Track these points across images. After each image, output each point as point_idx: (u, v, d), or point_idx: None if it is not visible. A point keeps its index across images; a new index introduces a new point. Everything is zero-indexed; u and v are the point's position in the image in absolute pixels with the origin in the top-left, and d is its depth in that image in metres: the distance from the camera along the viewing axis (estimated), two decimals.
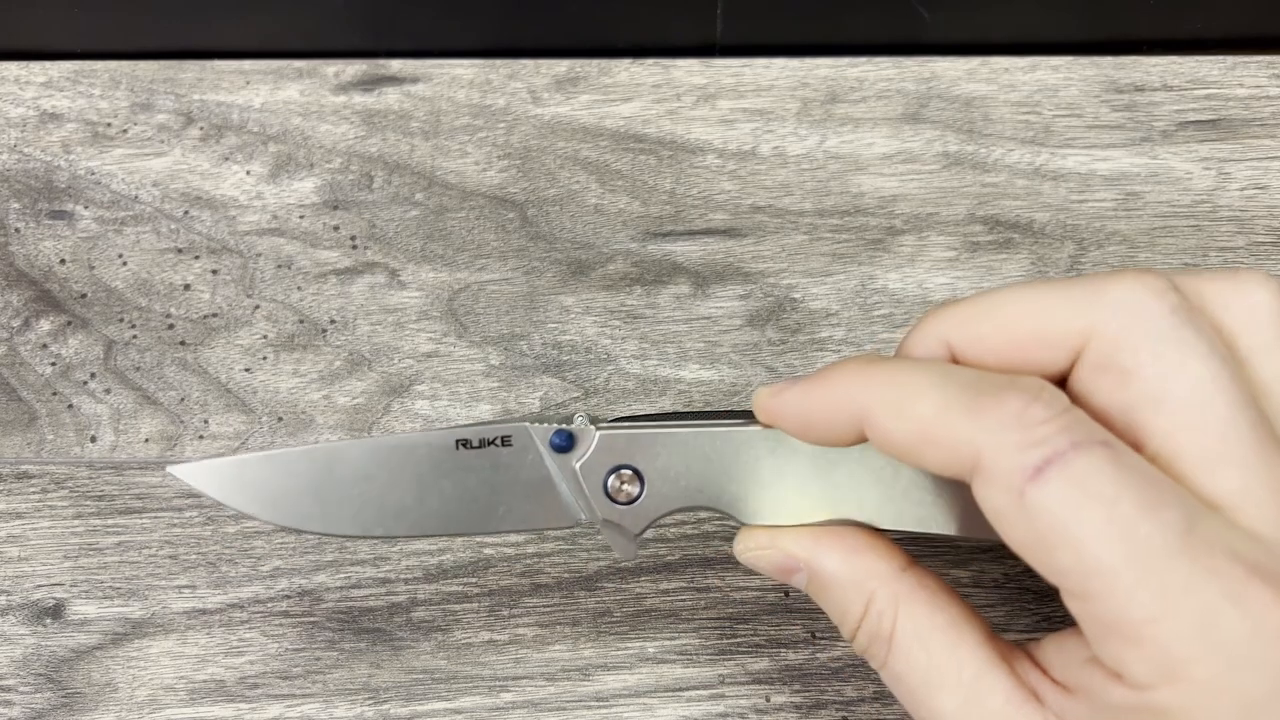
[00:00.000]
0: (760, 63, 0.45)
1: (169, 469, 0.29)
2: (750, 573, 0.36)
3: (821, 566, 0.27)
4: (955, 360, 0.26)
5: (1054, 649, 0.25)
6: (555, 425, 0.29)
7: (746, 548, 0.29)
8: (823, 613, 0.28)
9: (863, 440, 0.25)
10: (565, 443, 0.28)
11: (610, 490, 0.29)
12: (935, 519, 0.28)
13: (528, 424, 0.29)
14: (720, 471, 0.28)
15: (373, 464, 0.29)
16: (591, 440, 0.28)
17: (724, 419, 0.29)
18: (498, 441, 0.29)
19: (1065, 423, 0.22)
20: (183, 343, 0.40)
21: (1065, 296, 0.25)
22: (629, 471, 0.28)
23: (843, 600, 0.27)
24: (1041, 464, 0.22)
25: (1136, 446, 0.23)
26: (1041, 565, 0.22)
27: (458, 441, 0.29)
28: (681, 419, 0.29)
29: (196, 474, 0.29)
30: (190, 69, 0.45)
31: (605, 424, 0.29)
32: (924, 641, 0.25)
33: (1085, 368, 0.24)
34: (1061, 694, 0.24)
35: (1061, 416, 0.22)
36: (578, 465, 0.29)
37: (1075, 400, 0.24)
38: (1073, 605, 0.22)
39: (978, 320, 0.25)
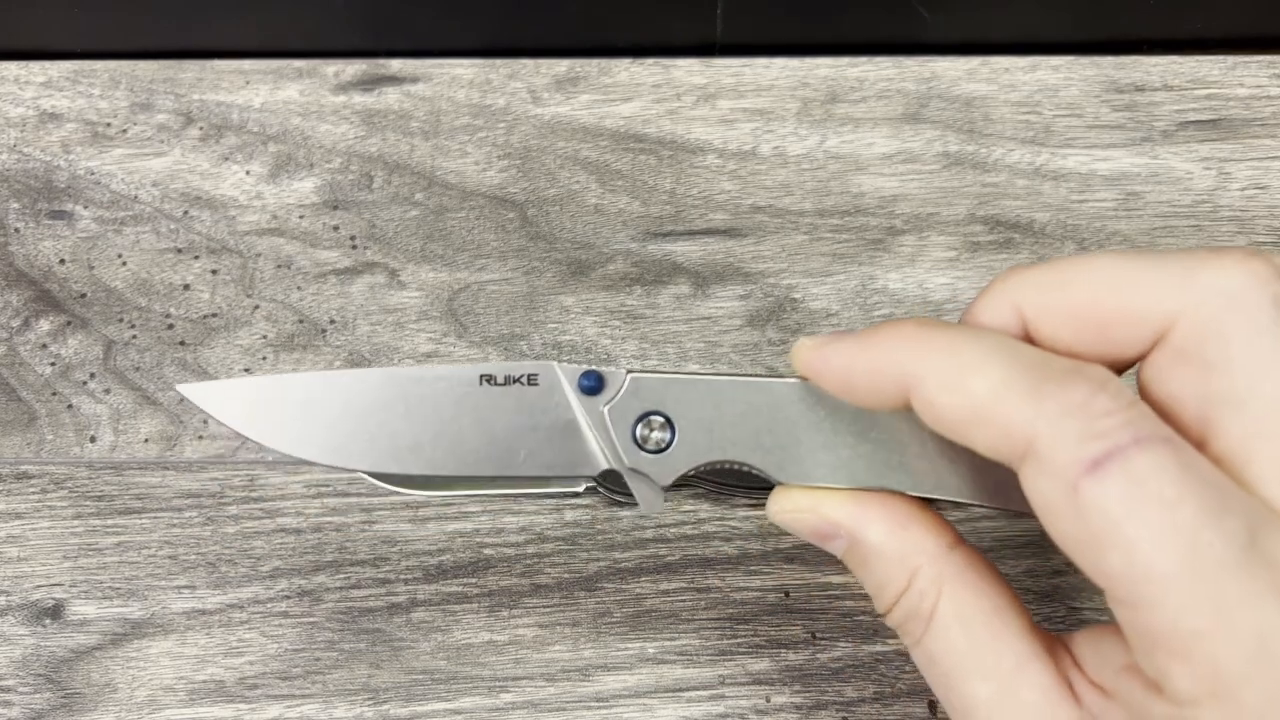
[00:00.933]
0: (760, 62, 0.45)
1: (179, 388, 0.28)
2: (751, 573, 0.36)
3: (865, 536, 0.26)
4: (1027, 332, 0.24)
5: (1090, 647, 0.24)
6: (585, 366, 0.27)
7: (783, 508, 0.27)
8: (823, 613, 0.28)
9: (906, 408, 0.24)
10: (594, 384, 0.27)
11: (639, 437, 0.27)
12: (982, 490, 0.26)
13: (555, 363, 0.27)
14: (757, 424, 0.27)
15: (392, 394, 0.27)
16: (621, 383, 0.27)
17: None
18: (524, 379, 0.27)
19: (1130, 416, 0.21)
20: (182, 343, 0.40)
21: (1158, 272, 0.22)
22: (660, 418, 0.27)
23: (884, 573, 0.25)
24: (1101, 457, 0.20)
25: (1200, 444, 0.22)
26: (1088, 565, 0.21)
27: (482, 376, 0.27)
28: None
29: (207, 395, 0.28)
30: (190, 69, 0.45)
31: (638, 369, 0.28)
32: (966, 625, 0.24)
33: (1165, 353, 0.22)
34: (1099, 695, 0.23)
35: (1127, 410, 0.21)
36: (606, 409, 0.27)
37: (1144, 387, 0.23)
38: (1119, 611, 0.21)
39: (1058, 289, 0.24)
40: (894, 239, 0.42)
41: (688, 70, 0.45)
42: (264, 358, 0.40)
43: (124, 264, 0.42)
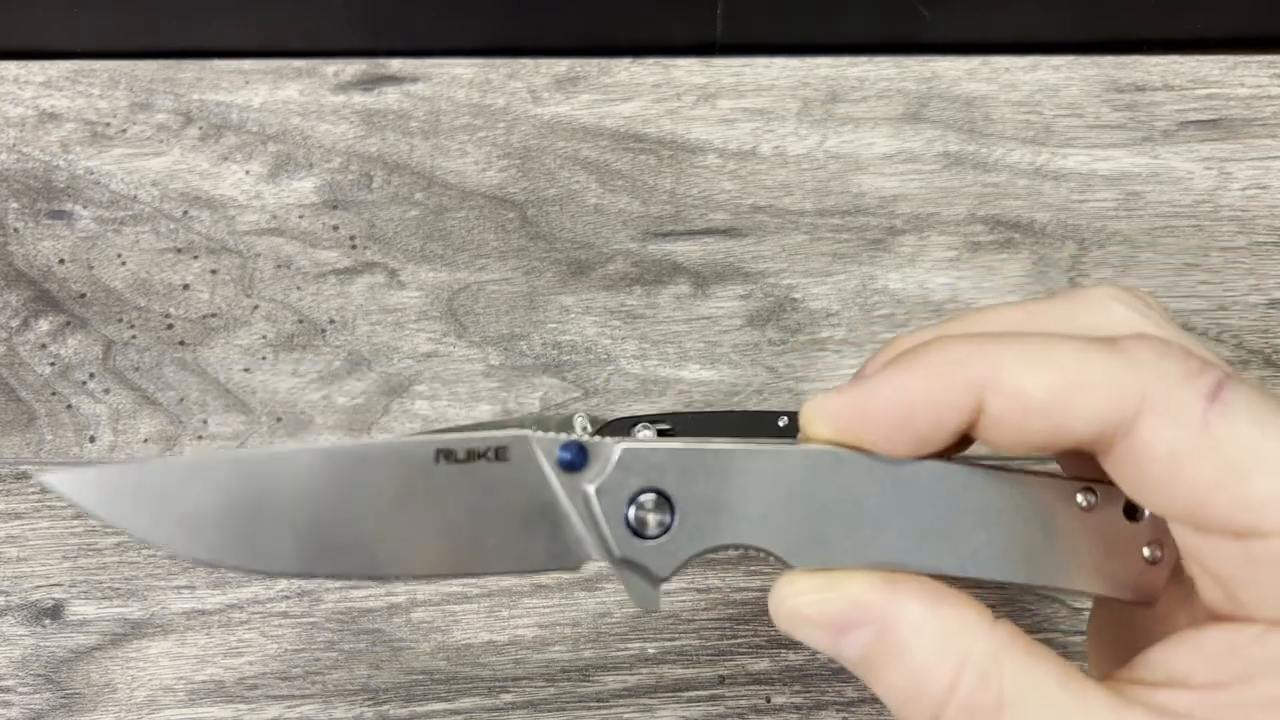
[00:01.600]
0: (760, 62, 0.45)
1: (41, 477, 0.22)
2: (751, 573, 0.36)
3: (902, 617, 0.21)
4: (976, 407, 0.22)
5: (1166, 660, 0.22)
6: (564, 436, 0.23)
7: (794, 593, 0.22)
8: None
9: (962, 435, 0.21)
10: (576, 458, 0.22)
11: (633, 521, 0.23)
12: (1023, 562, 0.23)
13: (530, 432, 0.22)
14: (771, 500, 0.23)
15: (322, 479, 0.22)
16: (611, 456, 0.22)
17: (750, 424, 0.25)
18: (490, 454, 0.22)
19: (1201, 354, 0.20)
20: (182, 343, 0.40)
21: (1109, 370, 0.21)
22: (657, 497, 0.23)
23: (926, 664, 0.21)
24: (1214, 389, 0.20)
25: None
26: (1231, 500, 0.20)
27: (438, 452, 0.22)
28: (685, 419, 0.25)
29: (76, 485, 0.21)
30: (189, 68, 0.45)
31: (628, 438, 0.23)
32: (1047, 701, 0.21)
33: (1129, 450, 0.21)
34: (1201, 694, 0.21)
35: (1193, 350, 0.20)
36: (591, 488, 0.22)
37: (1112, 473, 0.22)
38: (1256, 548, 0.19)
39: (1034, 374, 0.21)
40: (894, 239, 0.41)
41: (688, 70, 0.44)
42: (263, 358, 0.40)
43: (123, 264, 0.42)
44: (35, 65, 0.45)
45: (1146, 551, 0.23)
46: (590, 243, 0.42)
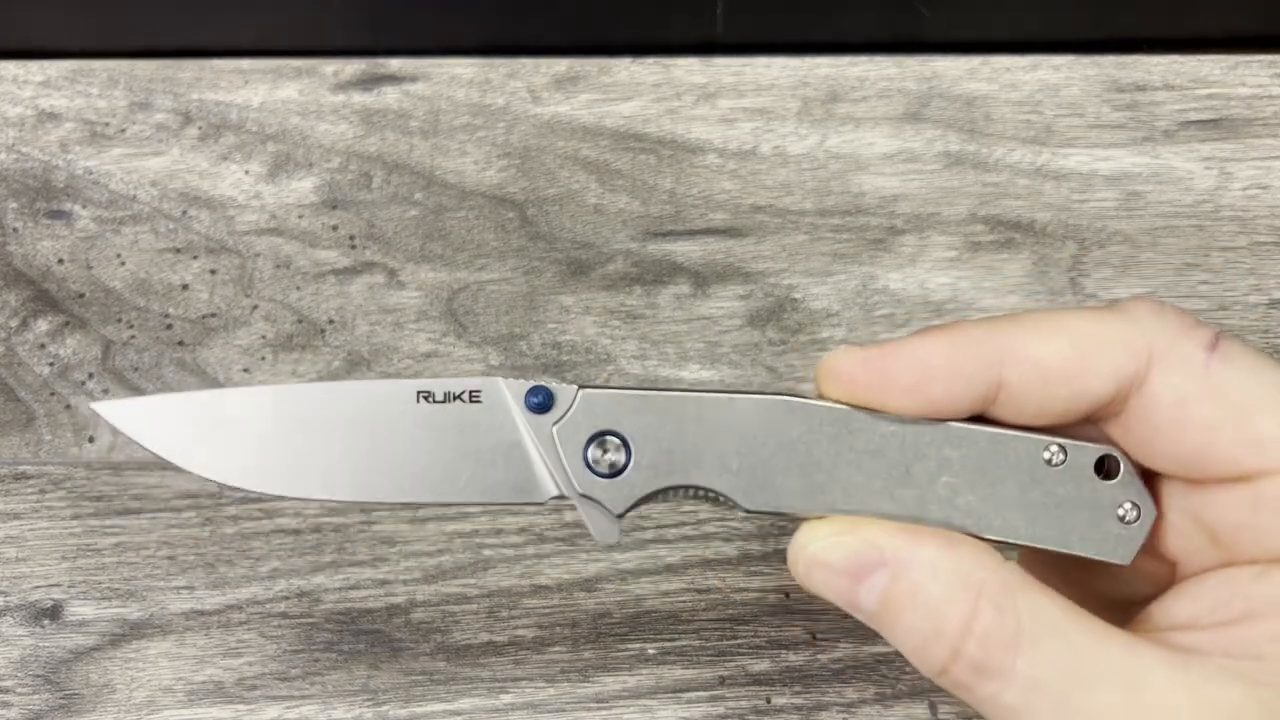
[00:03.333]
0: (761, 61, 0.45)
1: (94, 406, 0.26)
2: (751, 573, 0.36)
3: (916, 556, 0.22)
4: (999, 383, 0.23)
5: (1170, 611, 0.22)
6: (532, 381, 0.25)
7: (814, 539, 0.23)
8: (824, 613, 0.28)
9: (977, 402, 0.22)
10: (543, 401, 0.24)
11: (591, 460, 0.25)
12: (968, 516, 0.23)
13: (501, 378, 0.25)
14: (724, 446, 0.24)
15: (318, 411, 0.25)
16: (572, 399, 0.24)
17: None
18: (465, 396, 0.25)
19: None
20: (181, 343, 0.40)
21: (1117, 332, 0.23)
22: (615, 439, 0.25)
23: (943, 599, 0.21)
24: (1213, 340, 0.21)
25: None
26: (1237, 440, 0.21)
27: (419, 393, 0.25)
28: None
29: (120, 412, 0.26)
30: (188, 68, 0.45)
31: (591, 385, 0.25)
32: (1061, 632, 0.21)
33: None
34: (1210, 633, 0.21)
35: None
36: (555, 428, 0.24)
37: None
38: (1263, 488, 0.21)
39: (1046, 341, 0.23)
40: (895, 239, 0.41)
41: (688, 69, 0.44)
42: (263, 358, 0.40)
43: (122, 264, 0.41)
44: (34, 65, 0.45)
45: (1120, 511, 0.24)
46: (590, 243, 0.42)
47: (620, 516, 0.25)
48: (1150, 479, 0.24)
